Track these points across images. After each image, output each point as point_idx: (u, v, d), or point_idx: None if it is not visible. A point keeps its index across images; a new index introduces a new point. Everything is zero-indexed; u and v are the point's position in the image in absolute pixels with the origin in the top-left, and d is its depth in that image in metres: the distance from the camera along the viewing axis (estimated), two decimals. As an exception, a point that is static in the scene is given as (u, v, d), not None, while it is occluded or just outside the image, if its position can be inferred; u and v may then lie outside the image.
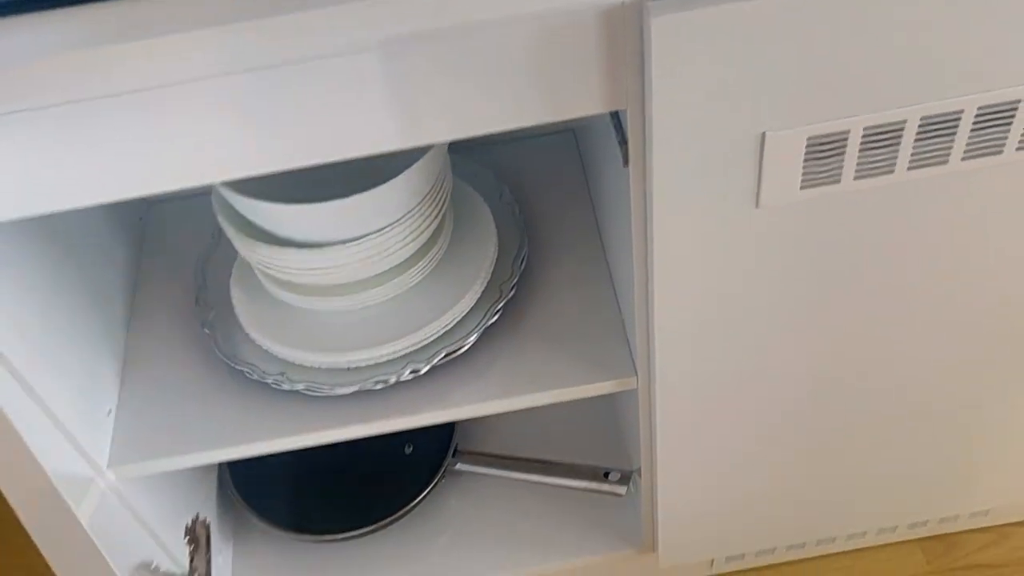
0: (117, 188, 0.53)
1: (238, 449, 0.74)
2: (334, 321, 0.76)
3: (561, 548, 0.94)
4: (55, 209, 0.54)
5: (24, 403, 0.64)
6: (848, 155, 0.55)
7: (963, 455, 0.86)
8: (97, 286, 0.79)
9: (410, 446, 0.99)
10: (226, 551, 0.97)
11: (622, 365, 0.74)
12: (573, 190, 0.88)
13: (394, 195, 0.68)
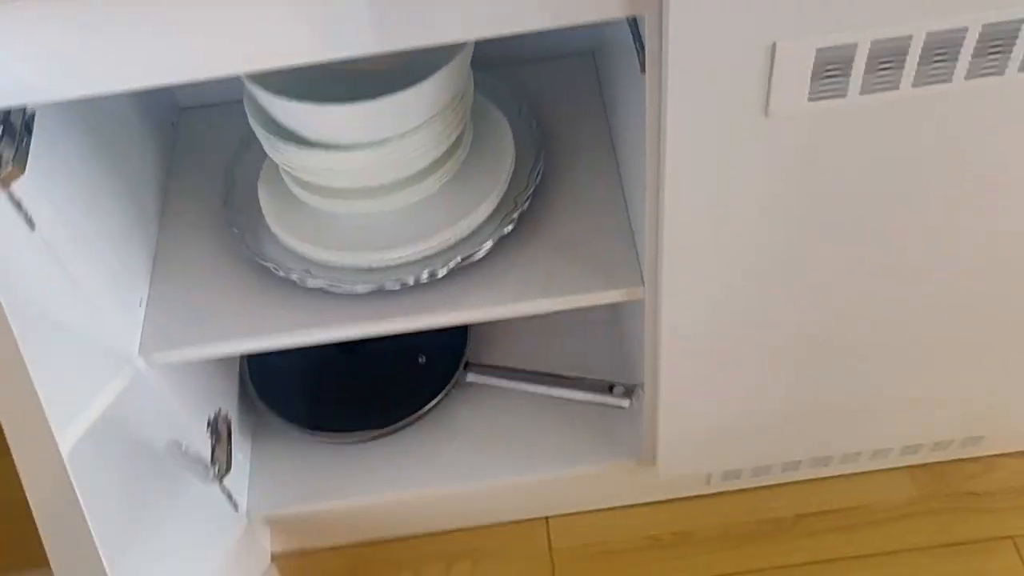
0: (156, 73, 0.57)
1: (262, 341, 0.78)
2: (356, 223, 0.80)
3: (565, 457, 0.99)
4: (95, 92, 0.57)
5: (63, 283, 0.68)
6: (855, 69, 0.58)
7: (960, 379, 0.89)
8: (131, 183, 0.83)
9: (423, 357, 1.03)
10: (245, 448, 1.02)
11: (630, 276, 0.78)
12: (590, 110, 0.91)
13: (418, 100, 0.71)
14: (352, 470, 1.00)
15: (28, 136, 0.63)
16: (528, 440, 1.00)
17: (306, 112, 0.71)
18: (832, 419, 0.93)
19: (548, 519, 1.08)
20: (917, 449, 1.03)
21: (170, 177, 0.91)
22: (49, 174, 0.67)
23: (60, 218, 0.67)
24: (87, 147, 0.74)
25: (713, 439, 0.94)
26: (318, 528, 1.05)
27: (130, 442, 0.77)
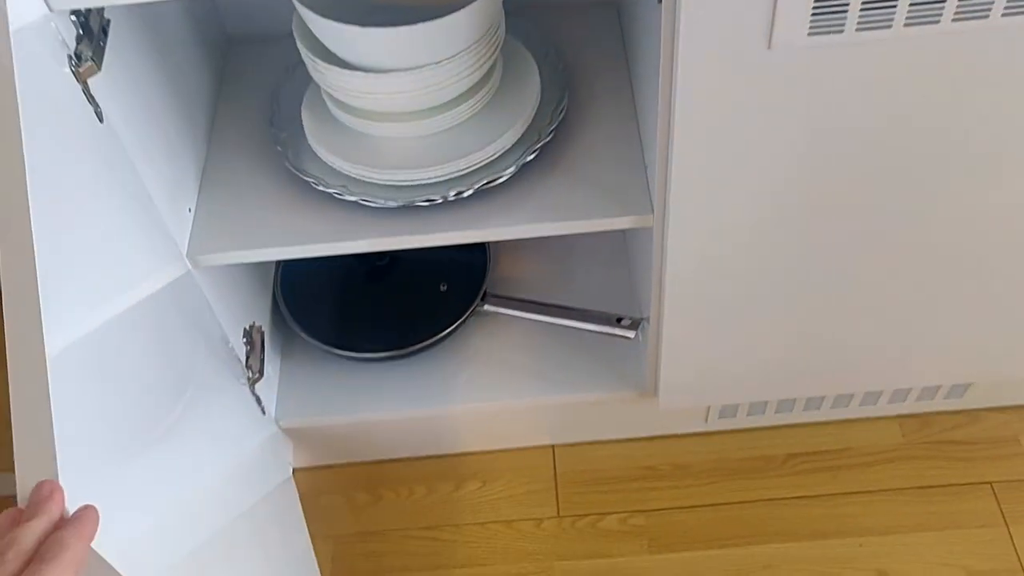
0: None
1: (300, 248, 0.85)
2: (391, 145, 0.86)
3: (572, 385, 1.06)
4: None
5: (127, 172, 0.75)
6: (852, 5, 0.64)
7: (951, 326, 0.95)
8: (185, 100, 0.89)
9: (445, 285, 1.10)
10: (275, 363, 1.09)
11: (641, 204, 0.84)
12: (612, 56, 0.97)
13: (454, 29, 0.77)
14: (373, 388, 1.07)
15: (104, 38, 0.70)
16: (538, 367, 1.07)
17: (350, 34, 0.77)
18: (828, 357, 0.99)
19: (554, 447, 1.15)
20: (906, 395, 1.09)
21: (220, 99, 0.98)
22: (118, 78, 0.74)
23: (124, 118, 0.74)
24: (150, 62, 0.81)
25: (712, 373, 1.00)
26: (338, 442, 1.13)
27: (173, 331, 0.84)
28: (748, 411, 1.11)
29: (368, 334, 1.07)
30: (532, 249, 1.16)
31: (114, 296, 0.72)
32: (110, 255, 0.73)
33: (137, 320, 0.76)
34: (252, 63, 1.01)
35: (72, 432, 0.58)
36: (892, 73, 0.68)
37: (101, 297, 0.70)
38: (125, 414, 0.73)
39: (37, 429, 0.56)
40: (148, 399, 0.78)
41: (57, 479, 0.55)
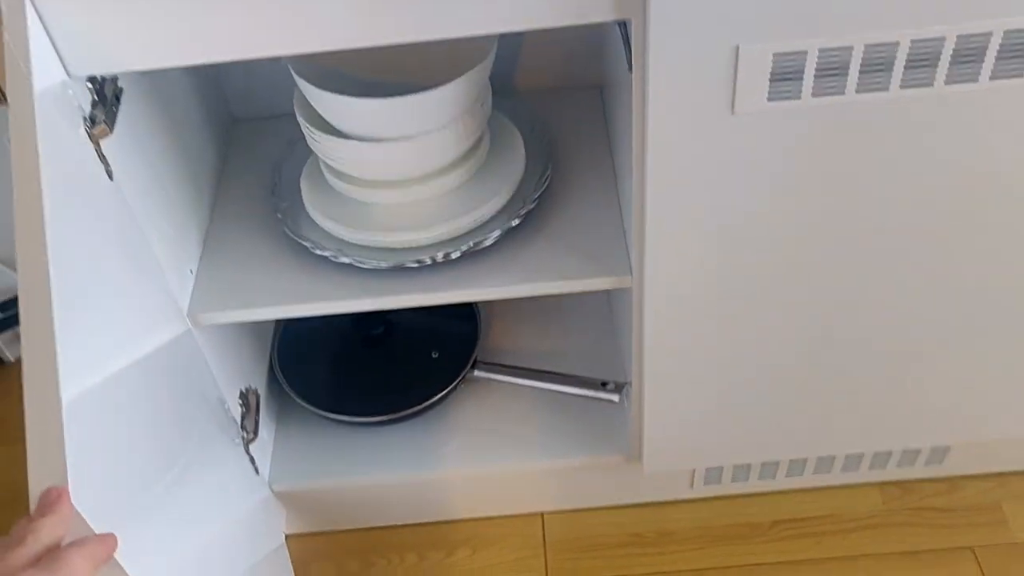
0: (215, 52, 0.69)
1: (297, 308, 0.89)
2: (383, 211, 0.92)
3: (560, 450, 1.08)
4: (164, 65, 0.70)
5: (133, 230, 0.79)
6: (806, 73, 0.69)
7: (930, 388, 0.98)
8: (192, 169, 0.95)
9: (437, 352, 1.13)
10: (270, 426, 1.12)
11: (620, 266, 0.88)
12: (595, 133, 1.03)
13: (442, 100, 0.83)
14: (365, 452, 1.10)
15: (117, 104, 0.76)
16: (526, 433, 1.10)
17: (345, 104, 0.83)
18: (807, 418, 1.01)
19: (543, 514, 1.17)
20: (886, 461, 1.11)
21: (224, 172, 1.03)
22: (128, 142, 0.79)
23: (132, 179, 0.79)
24: (159, 130, 0.87)
25: (695, 435, 1.03)
26: (329, 508, 1.15)
27: (173, 390, 0.88)
28: (732, 476, 1.13)
29: (361, 400, 1.10)
30: (521, 317, 1.20)
31: (117, 352, 0.76)
32: (116, 310, 0.77)
33: (138, 378, 0.79)
34: (256, 139, 1.08)
35: (81, 487, 0.61)
36: (847, 135, 0.74)
37: (106, 352, 0.73)
38: (125, 472, 0.75)
39: (51, 475, 0.60)
40: (146, 458, 0.81)
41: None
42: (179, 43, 0.69)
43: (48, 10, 0.66)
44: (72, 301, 0.66)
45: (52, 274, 0.63)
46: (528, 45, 1.07)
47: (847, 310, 0.89)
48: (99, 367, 0.71)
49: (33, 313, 0.63)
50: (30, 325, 0.63)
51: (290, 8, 0.67)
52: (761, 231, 0.81)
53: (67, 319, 0.64)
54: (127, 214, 0.79)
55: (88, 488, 0.62)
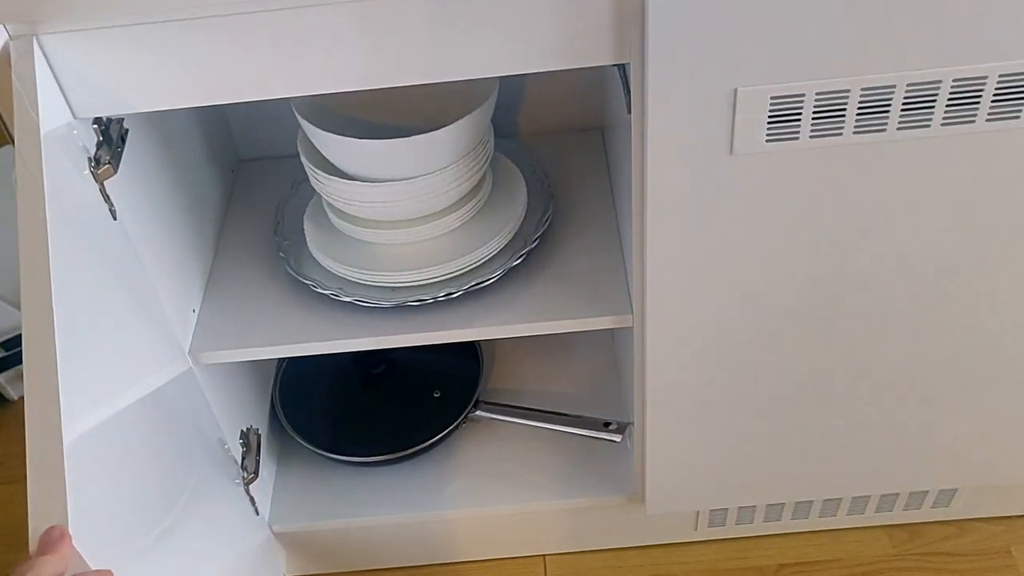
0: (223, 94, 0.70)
1: (299, 347, 0.89)
2: (386, 250, 0.92)
3: (562, 491, 1.07)
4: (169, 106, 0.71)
5: (135, 268, 0.80)
6: (804, 115, 0.70)
7: (935, 431, 0.97)
8: (195, 208, 0.96)
9: (438, 392, 1.13)
10: (270, 466, 1.11)
11: (621, 305, 0.88)
12: (596, 174, 1.04)
13: (444, 142, 0.84)
14: (366, 492, 1.09)
15: (122, 146, 0.77)
16: (528, 474, 1.09)
17: (349, 146, 0.84)
18: (812, 459, 1.00)
19: (545, 556, 1.16)
20: (893, 503, 1.10)
21: (228, 212, 1.04)
22: (132, 182, 0.80)
23: (136, 219, 0.80)
24: (163, 171, 0.88)
25: (698, 476, 1.02)
26: (329, 549, 1.14)
27: (174, 429, 0.87)
28: (737, 518, 1.11)
29: (362, 439, 1.10)
30: (524, 356, 1.20)
31: (118, 391, 0.76)
32: (118, 349, 0.77)
33: (139, 417, 0.79)
34: (260, 178, 1.09)
35: (82, 527, 0.61)
36: (845, 175, 0.74)
37: (107, 391, 0.73)
38: (125, 512, 0.75)
39: (52, 515, 0.60)
40: (146, 497, 0.80)
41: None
42: (184, 85, 0.70)
43: (55, 53, 0.67)
44: (75, 341, 0.66)
45: (56, 314, 0.64)
46: (530, 87, 1.08)
47: (850, 351, 0.89)
48: (101, 407, 0.71)
49: (36, 353, 0.64)
50: (33, 365, 0.64)
51: (294, 51, 0.68)
52: (761, 270, 0.81)
53: (70, 358, 0.64)
54: (131, 254, 0.79)
55: (88, 528, 0.62)
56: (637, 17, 0.66)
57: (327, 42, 0.67)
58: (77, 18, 0.65)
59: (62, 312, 0.64)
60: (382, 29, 0.67)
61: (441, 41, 0.67)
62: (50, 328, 0.64)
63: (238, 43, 0.67)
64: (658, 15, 0.64)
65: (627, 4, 0.66)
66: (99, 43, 0.67)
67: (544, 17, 0.66)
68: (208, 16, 0.66)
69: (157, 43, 0.67)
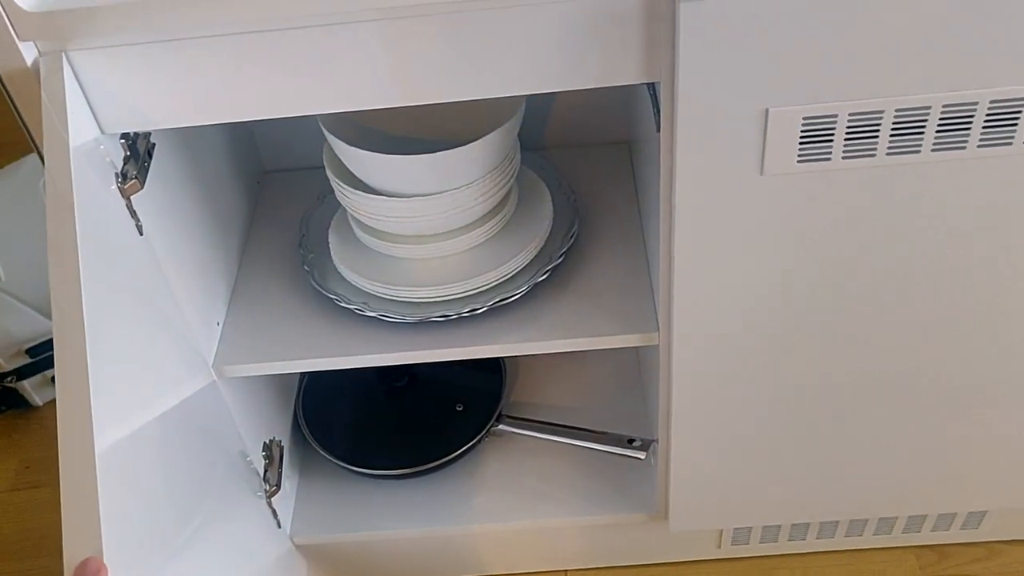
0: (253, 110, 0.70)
1: (322, 361, 0.89)
2: (411, 265, 0.92)
3: (584, 507, 1.07)
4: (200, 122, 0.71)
5: (161, 284, 0.80)
6: (837, 136, 0.69)
7: (965, 452, 0.96)
8: (220, 222, 0.96)
9: (461, 405, 1.12)
10: (292, 478, 1.11)
11: (647, 323, 0.88)
12: (622, 188, 1.03)
13: (471, 157, 0.84)
14: (388, 505, 1.09)
15: (149, 161, 0.77)
16: (551, 489, 1.08)
17: (376, 161, 0.83)
18: (838, 481, 0.99)
19: (567, 572, 1.15)
20: (921, 524, 1.09)
21: (253, 224, 1.04)
22: (158, 197, 0.80)
23: (162, 234, 0.80)
24: (189, 185, 0.88)
25: (722, 495, 1.01)
26: (350, 562, 1.13)
27: (197, 441, 0.87)
28: (761, 537, 1.10)
29: (385, 452, 1.10)
30: (547, 370, 1.19)
31: (143, 404, 0.76)
32: (142, 363, 0.77)
33: (162, 429, 0.79)
34: (285, 191, 1.08)
35: (113, 537, 0.61)
36: (877, 196, 0.73)
37: (133, 404, 0.73)
38: (148, 524, 0.75)
39: (86, 528, 0.61)
40: (168, 510, 0.80)
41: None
42: (212, 102, 0.70)
43: (84, 69, 0.67)
44: (104, 356, 0.66)
45: (87, 333, 0.64)
46: (557, 101, 1.07)
47: (878, 371, 0.88)
48: (128, 421, 0.71)
49: (68, 368, 0.64)
50: (65, 380, 0.64)
51: (321, 69, 0.68)
52: (790, 290, 0.80)
53: (99, 373, 0.65)
54: (156, 268, 0.79)
55: (115, 541, 0.62)
56: (668, 36, 0.65)
57: (355, 60, 0.67)
58: (106, 35, 0.65)
59: (92, 327, 0.64)
60: (410, 47, 0.66)
61: (470, 60, 0.67)
62: (82, 345, 0.63)
63: (265, 60, 0.67)
64: (690, 34, 0.63)
65: (658, 23, 0.65)
66: (128, 59, 0.67)
67: (574, 36, 0.66)
68: (236, 33, 0.66)
69: (185, 60, 0.67)
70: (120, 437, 0.68)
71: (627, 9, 0.64)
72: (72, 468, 0.62)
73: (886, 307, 0.82)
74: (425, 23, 0.65)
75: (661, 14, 0.64)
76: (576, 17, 0.65)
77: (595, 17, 0.65)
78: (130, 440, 0.70)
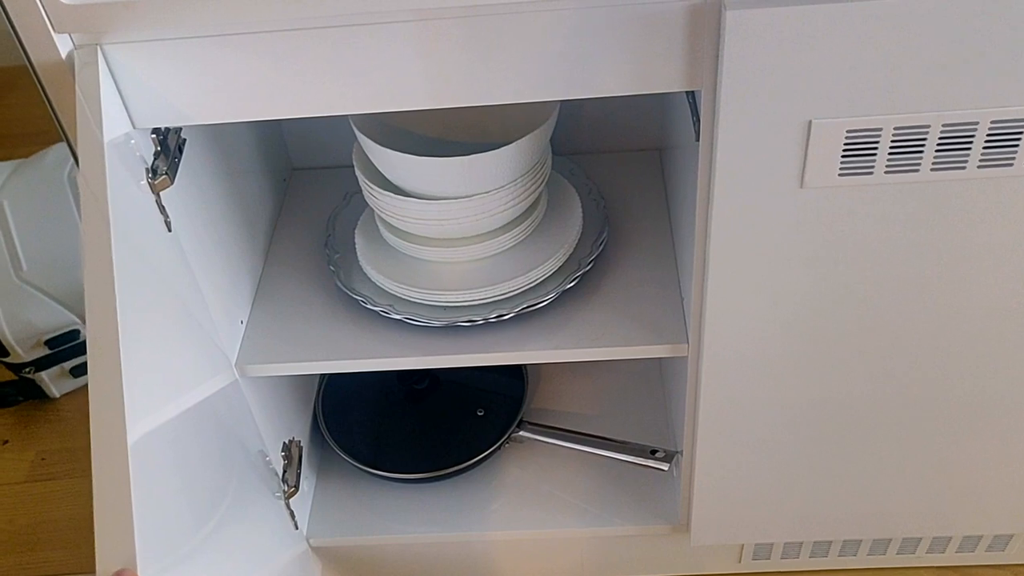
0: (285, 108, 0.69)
1: (345, 363, 0.88)
2: (438, 268, 0.90)
3: (604, 517, 1.05)
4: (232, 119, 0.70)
5: (187, 280, 0.79)
6: (880, 150, 0.67)
7: (988, 471, 0.94)
8: (247, 220, 0.95)
9: (482, 410, 1.11)
10: (310, 479, 1.10)
11: (677, 334, 0.86)
12: (653, 195, 1.02)
13: (503, 161, 0.82)
14: (405, 509, 1.08)
15: (179, 156, 0.76)
16: (571, 498, 1.07)
17: (407, 163, 0.82)
18: (863, 499, 0.98)
19: (584, 582, 1.14)
20: (945, 545, 1.07)
21: (279, 222, 1.03)
22: (187, 193, 0.79)
23: (189, 231, 0.79)
24: (217, 181, 0.87)
25: (746, 510, 1.00)
26: (366, 566, 1.12)
27: (217, 439, 0.86)
28: (783, 553, 1.09)
29: (404, 455, 1.09)
30: (570, 378, 1.18)
31: (167, 401, 0.75)
32: (168, 360, 0.76)
33: (184, 427, 0.78)
34: (313, 189, 1.08)
35: (144, 544, 0.61)
36: (919, 212, 0.71)
37: (159, 401, 0.73)
38: (175, 517, 0.74)
39: (118, 521, 0.60)
40: (187, 508, 0.80)
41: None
42: (246, 98, 0.69)
43: (118, 63, 0.66)
44: (133, 351, 0.66)
45: (120, 324, 0.63)
46: (588, 106, 1.06)
47: (908, 389, 0.86)
48: (155, 417, 0.71)
49: (101, 361, 0.63)
50: (98, 374, 0.63)
51: (356, 70, 0.67)
52: (825, 305, 0.79)
53: (130, 367, 0.64)
54: (182, 264, 0.79)
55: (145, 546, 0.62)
56: (712, 44, 0.64)
57: (389, 61, 0.66)
58: (141, 30, 0.65)
59: (124, 325, 0.63)
60: (446, 49, 0.65)
61: (506, 63, 0.66)
62: (115, 340, 0.63)
63: (301, 59, 0.66)
64: (735, 43, 0.62)
65: (702, 31, 0.64)
66: (163, 54, 0.66)
67: (615, 42, 0.65)
68: (272, 31, 0.65)
69: (221, 57, 0.66)
70: (148, 432, 0.67)
71: (671, 16, 0.63)
72: (104, 464, 0.61)
73: (921, 324, 0.80)
74: (461, 25, 0.64)
75: (705, 22, 0.63)
76: (617, 23, 0.64)
77: (637, 23, 0.64)
78: (157, 436, 0.69)
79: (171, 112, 0.70)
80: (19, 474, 1.32)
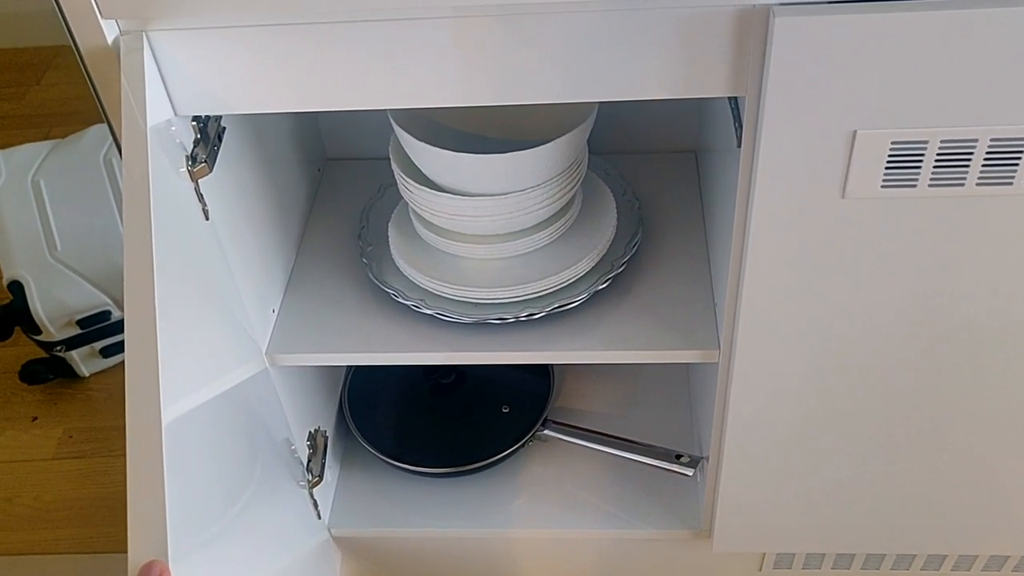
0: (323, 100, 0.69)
1: (375, 356, 0.88)
2: (471, 265, 0.90)
3: (626, 520, 1.05)
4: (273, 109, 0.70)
5: (223, 269, 0.79)
6: (925, 162, 0.66)
7: (1016, 491, 0.93)
8: (282, 209, 0.95)
9: (507, 407, 1.11)
10: (334, 468, 1.11)
11: (708, 340, 0.86)
12: (688, 198, 1.01)
13: (541, 159, 0.82)
14: (427, 503, 1.08)
15: (219, 144, 0.76)
16: (593, 499, 1.07)
17: (445, 158, 0.82)
18: (889, 514, 0.97)
19: (603, 583, 1.13)
20: (971, 564, 1.06)
21: (313, 212, 1.04)
22: (224, 182, 0.79)
23: (226, 219, 0.80)
24: (254, 170, 0.87)
25: (769, 519, 0.99)
26: (386, 558, 1.13)
27: (245, 425, 0.87)
28: (804, 563, 1.08)
29: (428, 449, 1.09)
30: (596, 379, 1.17)
31: (199, 387, 0.76)
32: (200, 347, 0.76)
33: (213, 413, 0.78)
34: (347, 180, 1.08)
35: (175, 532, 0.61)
36: (962, 227, 0.70)
37: (191, 386, 0.73)
38: (204, 500, 0.75)
39: (151, 504, 0.60)
40: (213, 494, 0.80)
41: (167, 551, 0.59)
42: (287, 89, 0.69)
43: (162, 50, 0.66)
44: (170, 335, 0.66)
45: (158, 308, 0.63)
46: (625, 106, 1.05)
47: (938, 404, 0.85)
48: (189, 401, 0.71)
49: (138, 343, 0.63)
50: (134, 356, 0.63)
51: (396, 66, 0.66)
52: (859, 316, 0.78)
53: (166, 350, 0.64)
54: (218, 251, 0.79)
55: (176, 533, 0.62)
56: (758, 51, 0.63)
57: (431, 56, 0.66)
58: (187, 17, 0.65)
59: (162, 309, 0.64)
60: (489, 47, 0.65)
61: (548, 63, 0.65)
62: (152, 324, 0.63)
63: (342, 51, 0.66)
64: (782, 50, 0.61)
65: (748, 37, 0.63)
66: (208, 42, 0.66)
67: (659, 45, 0.64)
68: (317, 22, 0.65)
69: (264, 46, 0.66)
70: (182, 415, 0.68)
71: (717, 20, 0.63)
72: (139, 444, 0.62)
73: (958, 340, 0.79)
74: (502, 23, 0.64)
75: (752, 28, 0.63)
76: (661, 25, 0.63)
77: (681, 26, 0.63)
78: (190, 419, 0.70)
79: (213, 100, 0.70)
80: (47, 451, 1.33)
